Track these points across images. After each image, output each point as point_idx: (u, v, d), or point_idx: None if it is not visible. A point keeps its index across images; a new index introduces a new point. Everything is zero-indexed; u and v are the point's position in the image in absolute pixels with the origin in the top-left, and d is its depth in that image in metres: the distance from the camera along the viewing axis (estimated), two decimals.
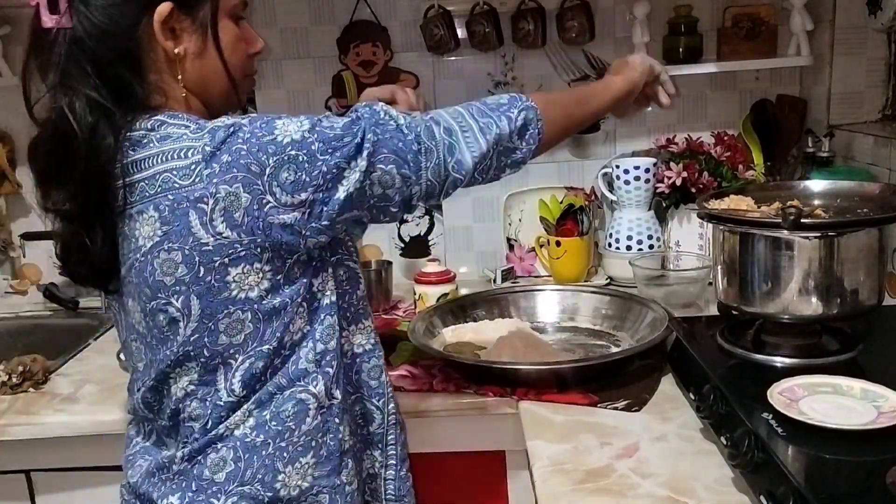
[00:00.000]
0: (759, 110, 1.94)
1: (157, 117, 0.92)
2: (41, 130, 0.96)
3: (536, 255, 1.98)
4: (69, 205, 0.92)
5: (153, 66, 0.94)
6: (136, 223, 0.91)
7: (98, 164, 0.90)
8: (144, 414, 1.04)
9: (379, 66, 1.96)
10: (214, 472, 0.96)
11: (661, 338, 1.37)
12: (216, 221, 0.88)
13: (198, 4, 0.94)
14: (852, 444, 0.95)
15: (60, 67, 0.92)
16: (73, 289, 2.07)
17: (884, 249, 1.20)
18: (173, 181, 0.88)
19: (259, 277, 0.92)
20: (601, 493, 1.02)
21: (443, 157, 0.97)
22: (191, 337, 0.93)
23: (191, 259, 0.89)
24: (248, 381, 0.96)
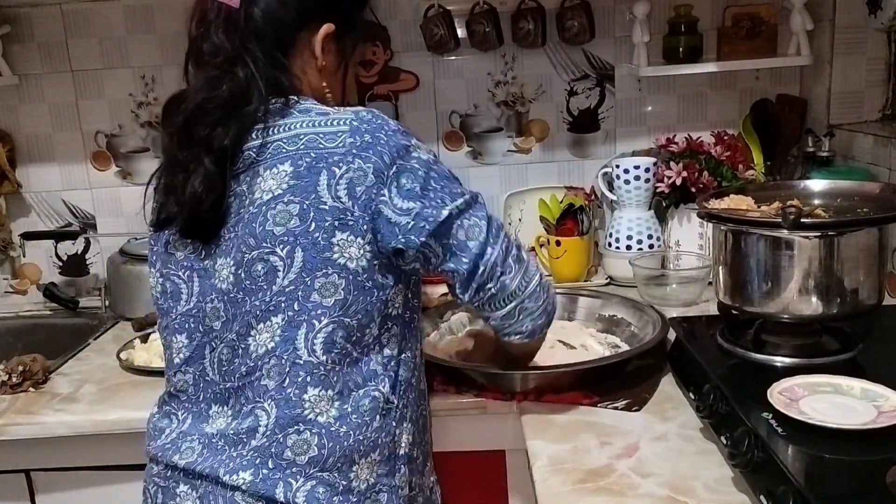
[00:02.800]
0: (760, 110, 1.94)
1: (292, 97, 1.04)
2: (199, 85, 1.04)
3: (536, 254, 1.97)
4: (228, 139, 1.00)
5: (299, 63, 1.09)
6: (260, 178, 1.00)
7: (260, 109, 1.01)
8: (209, 379, 1.05)
9: (379, 65, 1.96)
10: (297, 453, 1.00)
11: (655, 341, 1.36)
12: (340, 187, 0.97)
13: (346, 40, 1.13)
14: (852, 444, 0.95)
15: (236, 34, 1.03)
16: (73, 288, 2.07)
17: (884, 249, 1.20)
18: (318, 142, 0.99)
19: (359, 252, 0.99)
20: (601, 492, 1.02)
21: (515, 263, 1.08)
22: (286, 287, 0.99)
23: (306, 214, 0.97)
24: (328, 347, 1.00)
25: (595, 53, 1.95)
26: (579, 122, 2.00)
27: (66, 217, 2.07)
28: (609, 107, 1.98)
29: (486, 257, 1.04)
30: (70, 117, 2.00)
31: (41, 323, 1.99)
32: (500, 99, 1.98)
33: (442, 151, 2.01)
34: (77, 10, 1.94)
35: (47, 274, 2.10)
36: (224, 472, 1.00)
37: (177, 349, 1.08)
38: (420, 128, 1.99)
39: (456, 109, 1.99)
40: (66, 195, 2.05)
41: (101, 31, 1.95)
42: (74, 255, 2.09)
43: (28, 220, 2.07)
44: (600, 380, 1.31)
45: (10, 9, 1.92)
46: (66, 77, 1.98)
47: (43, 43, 1.96)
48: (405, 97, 1.98)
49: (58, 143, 2.02)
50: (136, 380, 1.53)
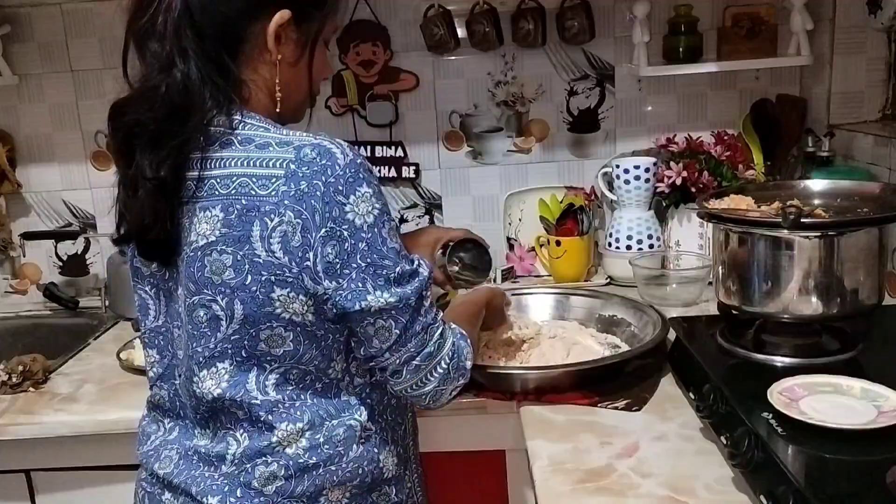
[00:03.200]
0: (760, 110, 1.94)
1: (235, 116, 0.94)
2: (138, 92, 0.95)
3: (536, 254, 1.98)
4: (163, 170, 0.91)
5: (249, 62, 0.97)
6: (196, 219, 0.93)
7: (199, 130, 0.91)
8: (182, 401, 1.03)
9: (379, 65, 1.95)
10: (263, 484, 0.97)
11: (655, 341, 1.37)
12: (274, 241, 0.90)
13: (309, 22, 0.98)
14: (852, 444, 0.95)
15: (172, 34, 0.92)
16: (73, 288, 2.08)
17: (884, 249, 1.20)
18: (250, 187, 0.90)
19: (304, 308, 0.93)
20: (601, 492, 1.02)
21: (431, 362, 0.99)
22: (231, 336, 0.94)
23: (241, 266, 0.91)
24: (282, 388, 0.97)
25: (595, 53, 1.95)
26: (579, 122, 1.99)
27: (66, 217, 2.07)
28: (609, 107, 1.98)
29: (383, 360, 0.97)
30: (70, 117, 2.00)
31: (41, 323, 1.99)
32: (500, 99, 1.98)
33: (442, 151, 2.01)
34: (77, 10, 1.94)
35: (47, 274, 2.10)
36: (196, 490, 0.99)
37: (149, 363, 1.07)
38: (420, 128, 1.99)
39: (456, 109, 1.99)
40: (66, 195, 2.05)
41: (101, 31, 1.95)
42: (74, 255, 2.09)
43: (28, 220, 2.07)
44: (600, 380, 1.31)
45: (10, 9, 1.92)
46: (66, 77, 1.98)
47: (43, 43, 1.96)
48: (405, 97, 1.98)
49: (58, 143, 2.02)
50: (136, 380, 1.53)
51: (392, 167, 1.98)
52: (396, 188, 2.02)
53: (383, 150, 1.98)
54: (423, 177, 2.02)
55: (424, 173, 2.01)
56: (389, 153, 1.98)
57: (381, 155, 1.98)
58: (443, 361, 1.00)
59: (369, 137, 1.99)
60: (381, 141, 1.98)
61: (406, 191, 2.03)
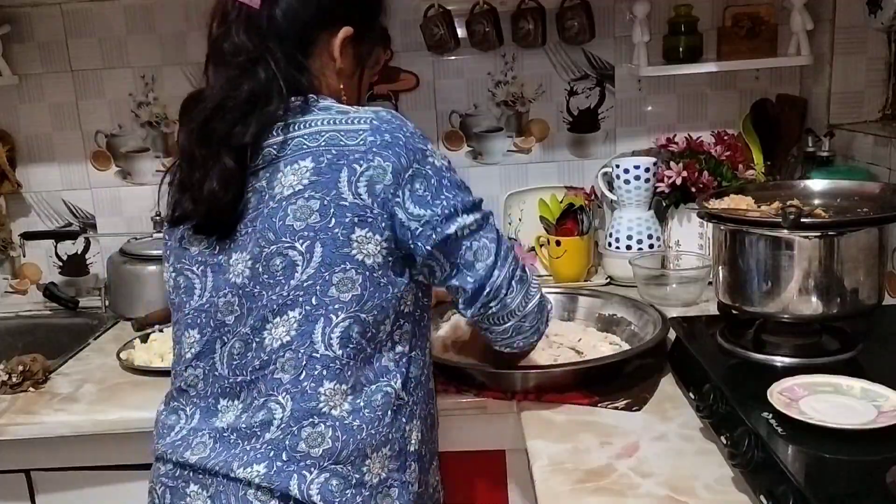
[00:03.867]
0: (759, 110, 1.94)
1: (311, 96, 1.05)
2: (219, 85, 1.04)
3: (536, 254, 1.98)
4: (247, 137, 1.01)
5: (317, 65, 1.10)
6: (280, 174, 1.01)
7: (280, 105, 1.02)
8: (218, 373, 1.05)
9: (379, 65, 1.95)
10: (311, 445, 1.00)
11: (655, 340, 1.36)
12: (360, 185, 0.99)
13: (364, 43, 1.14)
14: (852, 444, 0.95)
15: (256, 34, 1.04)
16: (73, 288, 2.08)
17: (884, 249, 1.20)
18: (339, 139, 1.00)
19: (377, 249, 1.00)
20: (601, 492, 1.02)
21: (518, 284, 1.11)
22: (305, 282, 0.99)
23: (326, 209, 0.99)
24: (344, 342, 1.00)
25: (595, 53, 1.95)
26: (579, 122, 2.00)
27: (66, 217, 2.07)
28: (609, 107, 1.98)
29: (493, 279, 1.07)
30: (70, 117, 2.00)
31: (41, 323, 1.99)
32: (500, 99, 1.98)
33: (442, 151, 2.00)
34: (77, 10, 1.94)
35: (47, 274, 2.10)
36: (238, 465, 1.00)
37: (188, 344, 1.08)
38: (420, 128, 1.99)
39: (456, 109, 1.99)
40: (66, 195, 2.05)
41: (101, 31, 1.95)
42: (74, 254, 2.09)
43: (28, 220, 2.07)
44: (600, 380, 1.31)
45: (10, 9, 1.92)
46: (66, 77, 1.98)
47: (43, 43, 1.96)
48: (405, 97, 1.98)
49: (58, 143, 2.02)
50: (136, 380, 1.53)
51: None
52: None
53: None
54: None
55: None
56: None
57: None
58: (532, 280, 1.15)
59: None
60: None
61: None
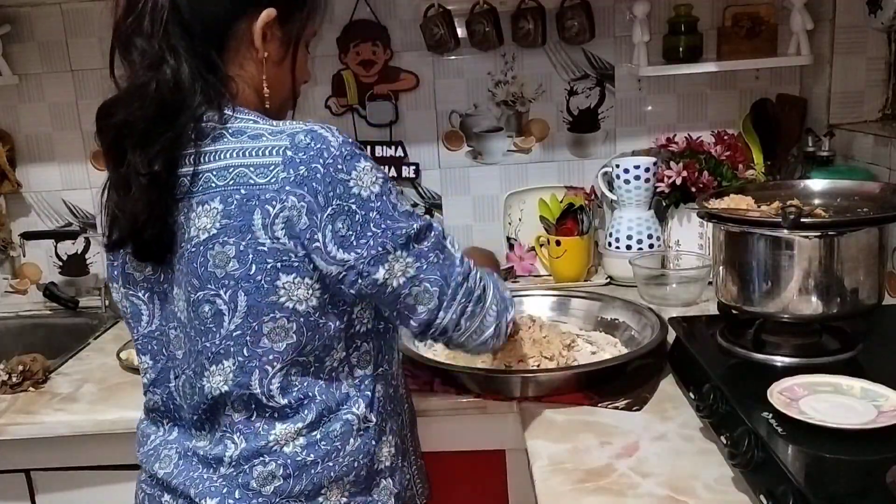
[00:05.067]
0: (760, 109, 1.94)
1: (226, 111, 0.95)
2: (126, 91, 0.95)
3: (536, 254, 1.98)
4: (157, 164, 0.91)
5: (235, 58, 0.98)
6: (194, 214, 0.93)
7: (190, 125, 0.92)
8: (178, 403, 1.03)
9: (379, 65, 1.95)
10: (262, 484, 0.97)
11: (655, 342, 1.36)
12: (277, 227, 0.90)
13: (292, 21, 1.01)
14: (852, 444, 0.95)
15: (161, 32, 0.93)
16: (73, 288, 2.08)
17: (884, 249, 1.20)
18: (248, 177, 0.91)
19: (308, 293, 0.93)
20: (601, 492, 1.02)
21: (468, 321, 1.02)
22: (234, 332, 0.94)
23: (244, 256, 0.91)
24: (287, 390, 0.97)
25: (595, 53, 1.95)
26: (579, 122, 1.99)
27: (66, 217, 2.07)
28: (609, 106, 1.98)
29: (438, 321, 0.99)
30: (70, 117, 2.00)
31: (41, 323, 1.99)
32: (500, 99, 1.98)
33: (442, 151, 2.01)
34: (77, 10, 1.94)
35: (47, 274, 2.10)
36: (194, 493, 0.99)
37: (143, 369, 1.06)
38: (420, 128, 1.99)
39: (456, 109, 1.99)
40: (66, 195, 2.05)
41: (101, 30, 1.94)
42: (74, 254, 2.09)
43: (28, 220, 2.06)
44: (600, 381, 1.31)
45: (10, 8, 1.92)
46: (65, 77, 1.98)
47: (43, 43, 1.96)
48: (405, 97, 1.98)
49: (58, 143, 2.02)
50: (136, 379, 1.52)
51: (392, 167, 1.98)
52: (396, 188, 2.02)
53: (383, 150, 1.98)
54: (423, 177, 2.02)
55: (424, 173, 2.01)
56: (389, 153, 1.98)
57: (381, 155, 1.98)
58: (492, 300, 1.04)
59: (369, 137, 1.98)
60: (381, 141, 1.99)
61: (406, 191, 2.02)
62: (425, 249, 0.96)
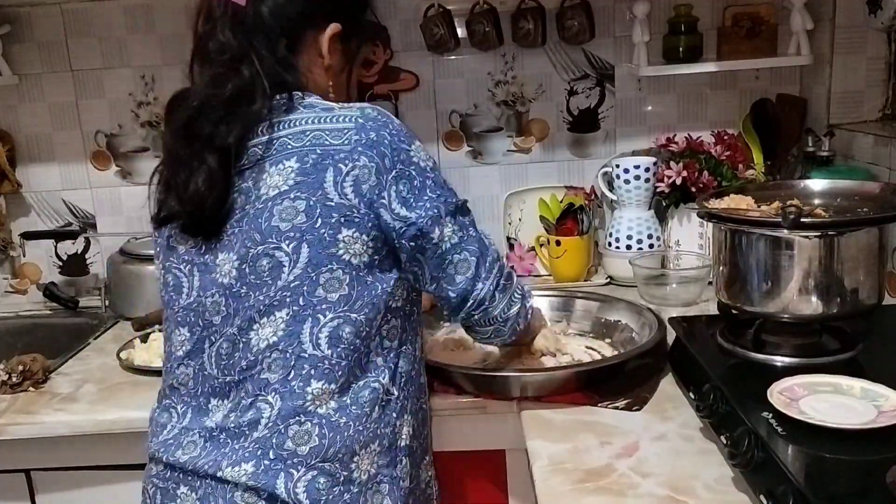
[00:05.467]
0: (759, 109, 1.94)
1: (296, 93, 1.05)
2: (205, 84, 1.04)
3: (536, 254, 1.98)
4: (231, 137, 1.00)
5: (304, 62, 1.09)
6: (266, 174, 1.00)
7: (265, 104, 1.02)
8: (207, 373, 1.05)
9: (379, 65, 1.95)
10: (298, 443, 1.00)
11: (653, 342, 1.36)
12: (346, 184, 0.99)
13: (352, 40, 1.14)
14: (852, 444, 0.95)
15: (242, 34, 1.03)
16: (73, 288, 2.08)
17: (884, 249, 1.20)
18: (324, 139, 1.00)
19: (364, 248, 1.01)
20: (601, 492, 1.02)
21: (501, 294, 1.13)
22: (292, 283, 1.00)
23: (312, 210, 0.99)
24: (334, 342, 1.01)
25: (595, 53, 1.95)
26: (579, 122, 1.99)
27: (66, 217, 2.07)
28: (609, 106, 1.98)
29: (476, 292, 1.09)
30: (70, 117, 2.00)
31: (41, 323, 1.99)
32: (500, 98, 1.98)
33: (442, 151, 2.01)
34: (77, 10, 1.94)
35: (47, 274, 2.10)
36: (227, 463, 1.00)
37: (179, 342, 1.09)
38: (420, 128, 1.99)
39: (456, 109, 1.99)
40: (66, 195, 2.05)
41: (101, 30, 1.95)
42: (74, 254, 2.09)
43: (28, 220, 2.07)
44: (600, 381, 1.31)
45: (10, 8, 1.92)
46: (65, 77, 1.98)
47: (43, 43, 1.96)
48: (405, 97, 1.98)
49: (58, 143, 2.02)
50: (136, 379, 1.53)
51: None
52: None
53: None
54: None
55: None
56: None
57: None
58: (517, 282, 1.17)
59: None
60: None
61: None
62: (467, 223, 1.08)
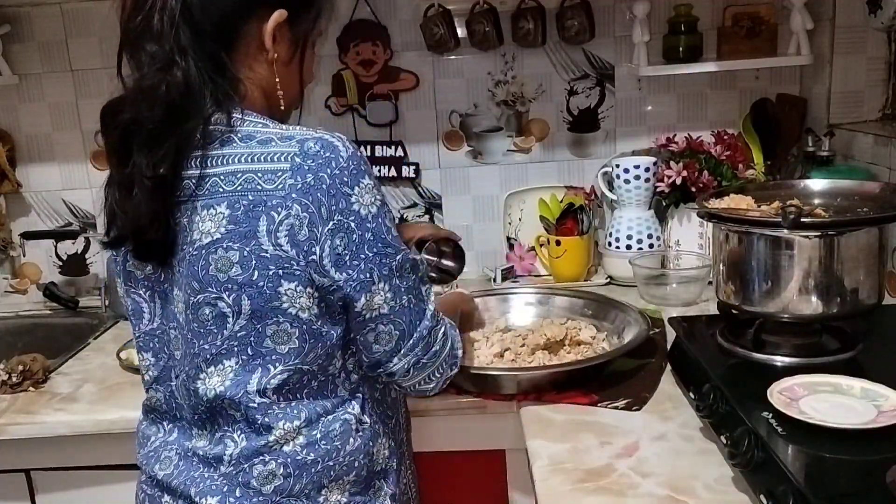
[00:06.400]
0: (760, 109, 1.94)
1: (234, 114, 0.94)
2: (133, 92, 0.94)
3: (536, 254, 1.98)
4: (163, 168, 0.91)
5: (244, 59, 0.98)
6: (198, 217, 0.92)
7: (199, 128, 0.91)
8: (179, 402, 1.03)
9: (379, 65, 1.95)
10: (262, 483, 0.97)
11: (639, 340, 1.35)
12: (281, 235, 0.90)
13: (301, 22, 1.00)
14: (852, 444, 0.95)
15: (171, 33, 0.92)
16: (73, 288, 2.08)
17: (884, 248, 1.20)
18: (256, 182, 0.91)
19: (310, 301, 0.94)
20: (601, 492, 1.02)
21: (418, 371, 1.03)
22: (238, 332, 0.94)
23: (247, 261, 0.91)
24: (286, 393, 0.97)
25: (595, 53, 1.95)
26: (579, 122, 1.99)
27: (66, 217, 2.07)
28: (609, 106, 1.98)
29: (390, 365, 1.01)
30: (70, 117, 2.00)
31: (41, 322, 1.99)
32: (500, 98, 1.98)
33: (442, 151, 2.01)
34: (77, 10, 1.94)
35: (47, 273, 2.10)
36: (195, 492, 0.99)
37: (144, 366, 1.06)
38: (420, 127, 1.99)
39: (456, 109, 1.99)
40: (66, 195, 2.05)
41: (101, 30, 1.95)
42: (74, 254, 2.09)
43: (28, 220, 2.07)
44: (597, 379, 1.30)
45: (10, 8, 1.92)
46: (65, 77, 1.98)
47: (43, 43, 1.96)
48: (405, 97, 1.98)
49: (58, 143, 2.02)
50: (136, 379, 1.52)
51: (392, 167, 1.98)
52: (396, 188, 2.02)
53: (383, 150, 1.98)
54: (423, 176, 2.02)
55: (424, 173, 2.01)
56: (389, 153, 1.98)
57: (381, 154, 1.98)
58: (445, 357, 1.05)
59: (369, 137, 1.98)
60: (381, 140, 1.98)
61: (406, 190, 2.03)
62: (403, 289, 0.98)
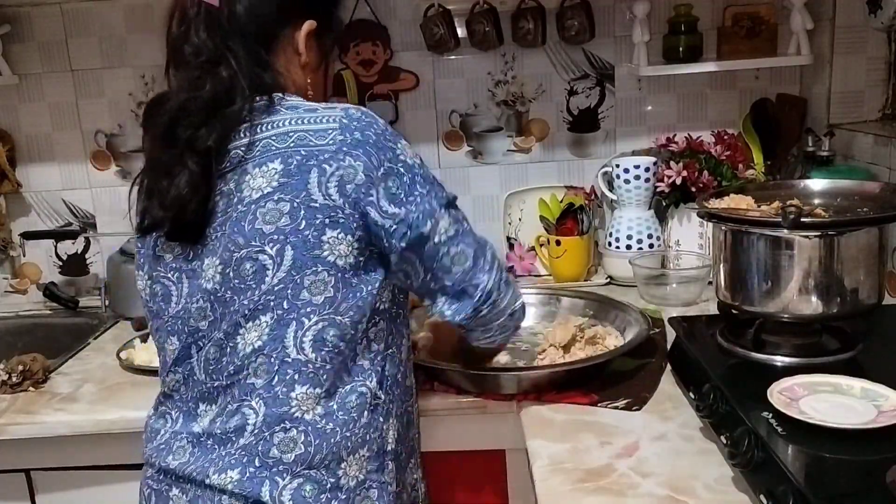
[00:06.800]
0: (759, 109, 1.94)
1: (276, 94, 1.04)
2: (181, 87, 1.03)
3: (536, 254, 1.98)
4: (211, 140, 0.99)
5: (282, 60, 1.08)
6: (249, 176, 0.99)
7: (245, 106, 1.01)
8: (196, 378, 1.05)
9: (379, 65, 1.96)
10: (283, 451, 1.00)
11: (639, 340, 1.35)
12: (331, 185, 0.97)
13: (325, 35, 1.13)
14: (852, 444, 0.95)
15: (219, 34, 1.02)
16: (73, 288, 2.08)
17: (884, 248, 1.20)
18: (308, 139, 0.99)
19: (348, 249, 0.99)
20: (601, 492, 1.02)
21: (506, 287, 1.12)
22: (276, 286, 0.98)
23: (296, 212, 0.97)
24: (318, 346, 1.00)
25: (595, 53, 1.95)
26: (579, 122, 1.99)
27: (66, 217, 2.07)
28: (609, 106, 1.98)
29: (482, 284, 1.07)
30: (70, 117, 2.00)
31: (41, 322, 1.99)
32: (500, 98, 1.98)
33: (442, 151, 2.01)
34: (77, 10, 1.94)
35: (47, 273, 2.10)
36: (213, 470, 1.00)
37: (170, 350, 1.08)
38: (420, 127, 1.99)
39: (456, 109, 1.99)
40: (66, 195, 2.05)
41: (101, 30, 1.95)
42: (74, 254, 2.09)
43: (28, 220, 2.07)
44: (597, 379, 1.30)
45: (10, 8, 1.92)
46: (66, 77, 1.98)
47: (43, 43, 1.96)
48: (405, 97, 1.98)
49: (58, 143, 2.02)
50: (136, 379, 1.53)
51: None
52: None
53: None
54: None
55: None
56: None
57: None
58: (516, 289, 1.15)
59: None
60: None
61: None
62: (460, 217, 1.07)
